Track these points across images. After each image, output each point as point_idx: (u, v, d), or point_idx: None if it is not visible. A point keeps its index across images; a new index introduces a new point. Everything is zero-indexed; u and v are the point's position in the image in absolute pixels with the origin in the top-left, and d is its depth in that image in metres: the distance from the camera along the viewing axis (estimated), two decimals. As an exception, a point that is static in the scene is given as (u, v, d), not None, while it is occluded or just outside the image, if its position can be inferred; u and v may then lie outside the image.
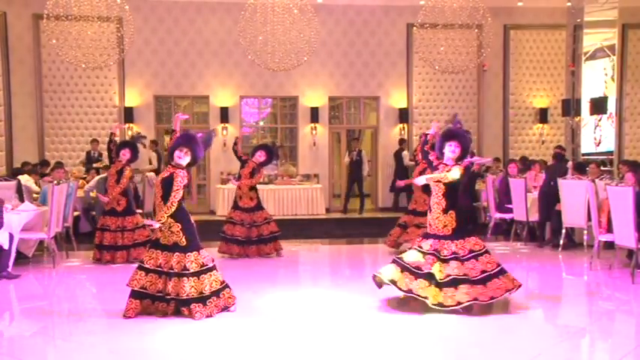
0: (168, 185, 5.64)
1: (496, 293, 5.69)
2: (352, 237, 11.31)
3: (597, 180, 8.93)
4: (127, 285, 5.69)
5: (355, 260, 9.53)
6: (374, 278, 6.06)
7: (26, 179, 10.19)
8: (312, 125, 14.50)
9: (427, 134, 6.86)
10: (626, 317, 6.08)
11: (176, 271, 5.57)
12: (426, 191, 8.51)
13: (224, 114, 14.20)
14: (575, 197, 8.96)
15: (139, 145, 8.75)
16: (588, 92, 14.03)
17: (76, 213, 10.59)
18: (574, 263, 8.54)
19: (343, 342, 5.10)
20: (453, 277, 5.65)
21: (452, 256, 5.74)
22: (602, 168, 12.04)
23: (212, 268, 5.73)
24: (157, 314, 5.66)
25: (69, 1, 10.21)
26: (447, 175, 5.81)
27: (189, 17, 14.22)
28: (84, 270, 8.29)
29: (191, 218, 5.84)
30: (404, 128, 14.81)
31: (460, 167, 5.86)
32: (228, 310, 5.76)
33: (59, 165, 11.16)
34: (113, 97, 14.04)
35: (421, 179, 6.06)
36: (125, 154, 8.37)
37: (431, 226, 5.96)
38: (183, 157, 5.75)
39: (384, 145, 14.83)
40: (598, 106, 13.74)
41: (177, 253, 5.62)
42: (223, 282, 5.81)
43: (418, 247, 5.95)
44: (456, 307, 5.60)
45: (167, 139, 15.69)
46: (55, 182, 8.55)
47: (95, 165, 12.67)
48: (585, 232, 9.02)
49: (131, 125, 13.82)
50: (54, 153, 13.73)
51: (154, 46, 14.15)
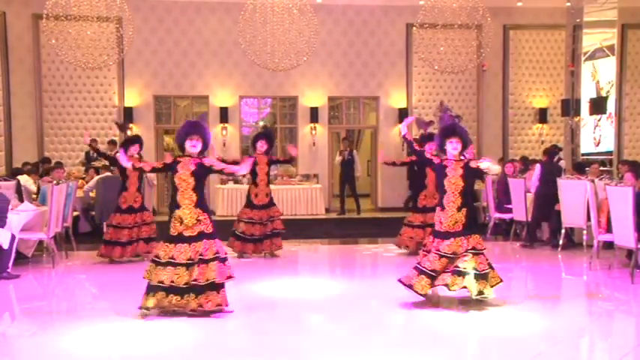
0: (201, 175, 5.71)
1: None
2: (352, 237, 11.30)
3: (597, 180, 8.93)
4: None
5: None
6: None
7: (25, 179, 10.18)
8: (311, 125, 14.51)
9: (405, 137, 6.55)
10: (625, 317, 6.08)
11: (208, 257, 5.60)
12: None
13: (224, 114, 14.20)
14: (574, 197, 8.96)
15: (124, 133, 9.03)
16: (588, 92, 14.03)
17: (76, 213, 10.59)
18: (573, 263, 8.54)
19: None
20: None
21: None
22: (601, 168, 12.06)
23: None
24: (169, 307, 5.60)
25: (68, 1, 10.20)
26: (490, 167, 5.93)
27: (188, 17, 14.22)
28: (83, 270, 8.30)
29: None
30: (403, 128, 14.79)
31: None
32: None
33: (59, 165, 11.15)
34: (113, 97, 14.04)
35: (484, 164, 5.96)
36: (135, 149, 8.57)
37: (441, 224, 5.96)
38: (196, 145, 5.76)
39: (384, 145, 14.79)
40: (597, 106, 13.73)
41: (205, 240, 5.66)
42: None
43: (437, 252, 5.90)
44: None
45: (167, 139, 15.71)
46: (55, 182, 8.56)
47: (95, 164, 12.66)
48: (585, 232, 9.02)
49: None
50: (53, 153, 13.72)
51: (154, 46, 14.15)
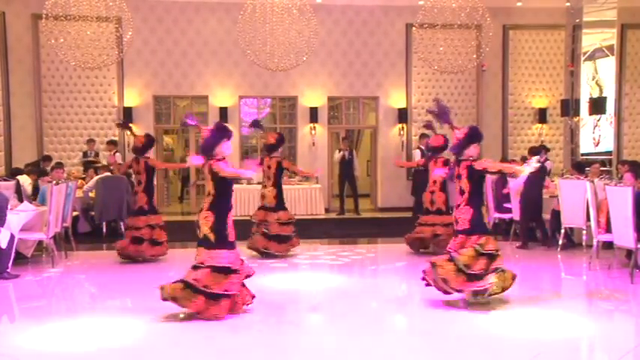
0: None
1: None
2: (352, 237, 11.30)
3: (596, 180, 8.94)
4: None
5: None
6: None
7: (24, 179, 10.19)
8: (311, 125, 14.50)
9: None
10: (625, 317, 6.09)
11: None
12: (444, 190, 9.04)
13: (223, 114, 14.18)
14: (574, 197, 8.97)
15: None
16: (587, 92, 14.04)
17: (75, 213, 10.59)
18: (573, 263, 8.55)
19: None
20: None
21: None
22: (601, 168, 12.06)
23: None
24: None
25: (68, 1, 10.20)
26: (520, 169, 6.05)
27: (188, 17, 14.21)
28: (83, 270, 8.30)
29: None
30: (403, 128, 14.81)
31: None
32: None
33: (59, 165, 11.16)
34: (112, 97, 14.03)
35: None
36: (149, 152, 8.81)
37: (458, 223, 6.06)
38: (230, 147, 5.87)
39: (383, 146, 14.83)
40: (597, 106, 13.74)
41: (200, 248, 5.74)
42: None
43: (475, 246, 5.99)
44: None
45: (166, 139, 15.71)
46: (54, 182, 8.56)
47: (94, 164, 12.67)
48: (584, 232, 9.03)
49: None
50: (53, 153, 13.67)
51: (153, 46, 14.14)
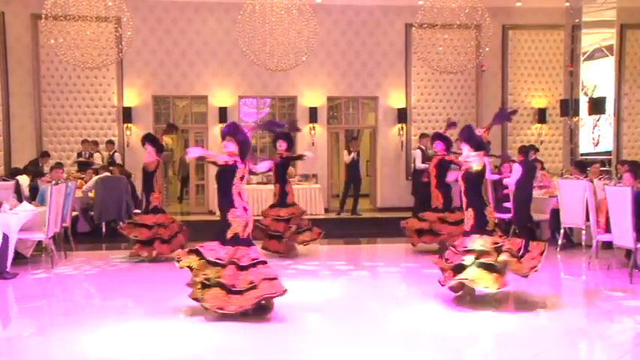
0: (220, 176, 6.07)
1: None
2: (353, 237, 11.29)
3: (596, 180, 8.94)
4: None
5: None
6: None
7: (24, 180, 10.18)
8: (310, 125, 14.50)
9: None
10: (624, 317, 6.08)
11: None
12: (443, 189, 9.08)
13: (223, 114, 14.18)
14: (573, 197, 8.97)
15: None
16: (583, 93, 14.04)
17: (75, 213, 10.58)
18: (572, 263, 8.54)
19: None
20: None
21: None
22: (600, 168, 12.06)
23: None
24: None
25: (67, 1, 10.20)
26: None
27: (187, 17, 14.21)
28: (82, 270, 8.29)
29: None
30: (402, 128, 14.81)
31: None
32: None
33: (58, 165, 11.15)
34: (111, 97, 14.02)
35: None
36: (150, 150, 8.68)
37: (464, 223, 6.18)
38: (227, 146, 5.98)
39: (383, 146, 14.83)
40: (597, 106, 13.74)
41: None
42: None
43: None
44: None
45: (166, 139, 15.67)
46: (54, 182, 8.56)
47: (87, 164, 12.73)
48: (584, 232, 9.03)
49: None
50: (52, 153, 13.67)
51: (153, 46, 14.14)
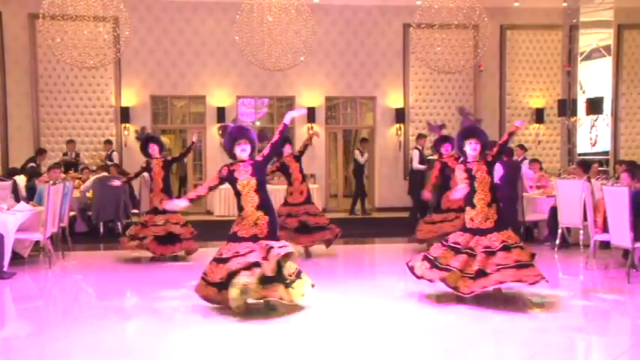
0: (261, 174, 5.91)
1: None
2: (353, 237, 11.27)
3: (593, 180, 8.96)
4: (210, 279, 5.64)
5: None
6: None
7: (21, 180, 10.17)
8: (308, 125, 14.49)
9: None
10: (621, 317, 6.09)
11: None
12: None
13: (221, 114, 14.17)
14: (571, 197, 8.98)
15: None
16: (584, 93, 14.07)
17: (72, 213, 10.57)
18: (570, 263, 8.55)
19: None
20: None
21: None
22: (599, 168, 12.11)
23: None
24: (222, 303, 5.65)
25: (65, 1, 10.19)
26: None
27: (185, 17, 14.19)
28: (80, 270, 8.29)
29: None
30: (400, 128, 14.82)
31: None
32: None
33: (56, 165, 11.14)
34: (109, 97, 14.01)
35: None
36: (154, 149, 8.64)
37: (472, 221, 6.04)
38: (245, 149, 5.85)
39: (381, 146, 14.83)
40: (594, 107, 13.76)
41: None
42: None
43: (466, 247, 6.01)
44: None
45: (163, 139, 15.65)
46: (51, 182, 8.55)
47: (73, 164, 12.78)
48: (581, 232, 9.05)
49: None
50: (50, 153, 13.67)
51: (151, 46, 14.13)
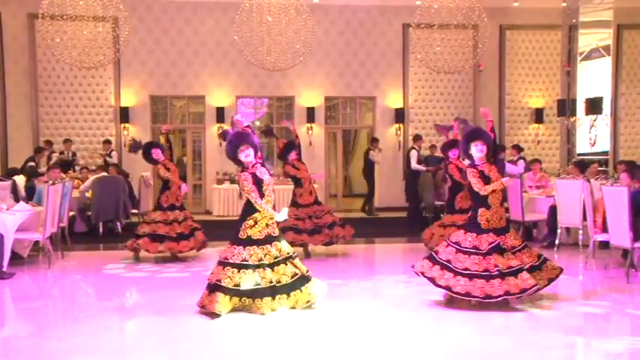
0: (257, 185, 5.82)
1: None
2: (352, 237, 11.26)
3: (593, 180, 8.96)
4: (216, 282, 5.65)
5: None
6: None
7: (21, 180, 10.16)
8: (308, 125, 14.50)
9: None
10: (621, 317, 6.09)
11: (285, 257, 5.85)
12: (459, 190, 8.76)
13: (220, 114, 14.17)
14: (570, 197, 8.99)
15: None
16: (583, 92, 14.07)
17: (72, 213, 10.57)
18: (569, 263, 8.54)
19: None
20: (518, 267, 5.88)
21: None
22: (599, 168, 12.11)
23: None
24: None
25: (64, 1, 10.18)
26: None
27: (185, 17, 14.19)
28: (79, 270, 8.29)
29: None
30: (400, 128, 14.82)
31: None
32: None
33: (55, 165, 11.14)
34: (109, 97, 14.01)
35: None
36: (157, 153, 8.68)
37: (488, 222, 6.01)
38: (249, 154, 5.80)
39: (380, 146, 14.79)
40: (594, 107, 13.77)
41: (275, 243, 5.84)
42: None
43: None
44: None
45: (163, 139, 15.64)
46: (51, 182, 8.55)
47: (70, 164, 12.76)
48: (581, 232, 9.05)
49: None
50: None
51: (150, 46, 14.13)
